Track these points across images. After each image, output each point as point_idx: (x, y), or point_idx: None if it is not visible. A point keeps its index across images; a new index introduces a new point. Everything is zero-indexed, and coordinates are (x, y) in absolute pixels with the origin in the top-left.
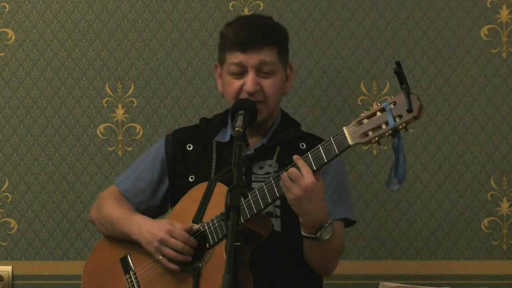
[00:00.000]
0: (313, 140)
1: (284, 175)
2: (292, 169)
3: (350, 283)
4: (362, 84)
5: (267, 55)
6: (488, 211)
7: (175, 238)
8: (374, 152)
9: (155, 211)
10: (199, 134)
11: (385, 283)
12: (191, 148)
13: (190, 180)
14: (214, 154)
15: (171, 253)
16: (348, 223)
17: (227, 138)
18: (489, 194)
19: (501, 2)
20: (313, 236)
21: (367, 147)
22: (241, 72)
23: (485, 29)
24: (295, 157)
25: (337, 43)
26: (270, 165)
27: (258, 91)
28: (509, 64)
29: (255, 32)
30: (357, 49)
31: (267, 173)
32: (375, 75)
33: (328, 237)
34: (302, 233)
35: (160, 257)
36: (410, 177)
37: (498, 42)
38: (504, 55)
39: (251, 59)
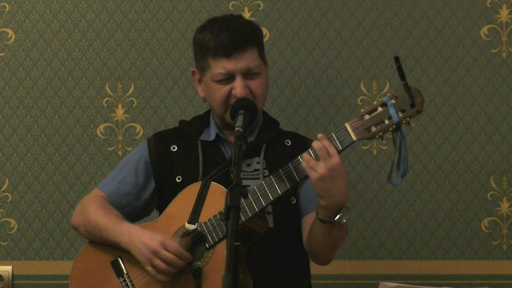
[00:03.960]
0: (297, 138)
1: (307, 155)
2: (320, 148)
3: (350, 283)
4: (362, 84)
5: (251, 57)
6: (488, 211)
7: (167, 250)
8: (374, 152)
9: (139, 214)
10: (181, 135)
11: (385, 283)
12: (175, 149)
13: (177, 180)
14: (200, 154)
15: (162, 265)
16: None
17: (212, 137)
18: (489, 194)
19: (501, 2)
20: (331, 220)
21: (367, 147)
22: (228, 78)
23: (485, 29)
24: (319, 135)
25: (337, 43)
26: (258, 162)
27: (248, 94)
28: (509, 64)
29: (235, 35)
30: (357, 49)
31: (255, 170)
32: (375, 75)
33: (345, 221)
34: (319, 217)
35: (149, 268)
36: (410, 177)
37: (498, 42)
38: (504, 55)
39: (237, 63)
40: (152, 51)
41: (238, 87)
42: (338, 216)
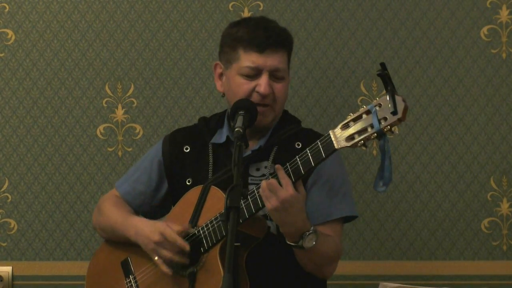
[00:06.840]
0: (311, 138)
1: (263, 184)
2: (271, 181)
3: (350, 283)
4: (362, 84)
5: (281, 58)
6: (488, 212)
7: (167, 240)
8: (374, 152)
9: (156, 212)
10: (196, 135)
11: (385, 283)
12: (188, 150)
13: (187, 183)
14: (211, 157)
15: (167, 254)
16: (349, 218)
17: (223, 139)
18: (489, 194)
19: (501, 3)
20: (295, 244)
21: (365, 148)
22: (255, 74)
23: (485, 30)
24: (276, 166)
25: (337, 43)
26: (265, 167)
27: (270, 94)
28: (509, 64)
29: (272, 33)
30: (357, 49)
31: (263, 175)
32: (375, 75)
33: (311, 245)
34: (287, 241)
35: (156, 257)
36: (410, 177)
37: (498, 42)
38: (504, 55)
39: (268, 60)
40: (152, 51)
41: (263, 84)
42: (301, 242)
